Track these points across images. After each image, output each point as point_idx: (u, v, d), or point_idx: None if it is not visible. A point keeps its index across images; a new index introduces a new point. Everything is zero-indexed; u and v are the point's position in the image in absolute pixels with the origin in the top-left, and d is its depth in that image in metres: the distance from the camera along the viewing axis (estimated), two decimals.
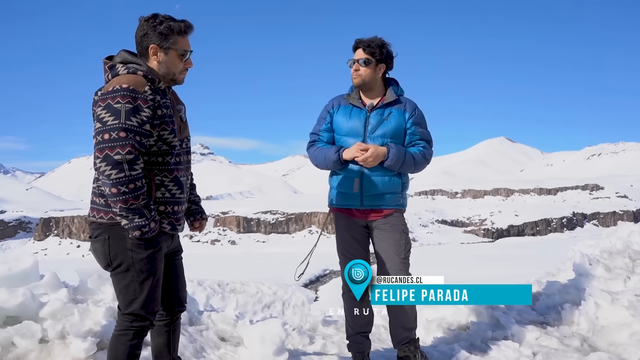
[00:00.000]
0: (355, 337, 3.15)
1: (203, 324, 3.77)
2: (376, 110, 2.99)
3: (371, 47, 2.93)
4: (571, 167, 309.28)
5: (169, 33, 2.23)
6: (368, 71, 2.95)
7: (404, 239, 3.04)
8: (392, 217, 3.04)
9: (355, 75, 2.97)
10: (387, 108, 2.99)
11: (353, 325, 3.14)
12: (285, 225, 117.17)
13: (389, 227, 3.02)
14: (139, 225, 2.09)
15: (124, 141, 2.04)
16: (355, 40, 3.00)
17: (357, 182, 2.96)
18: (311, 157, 3.10)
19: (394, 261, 2.97)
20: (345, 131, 3.01)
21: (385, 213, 3.02)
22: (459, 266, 32.52)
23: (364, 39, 2.97)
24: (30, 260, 3.48)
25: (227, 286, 20.79)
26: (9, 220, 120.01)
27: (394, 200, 3.03)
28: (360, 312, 3.07)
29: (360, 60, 2.94)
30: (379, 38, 2.97)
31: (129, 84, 2.10)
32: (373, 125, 2.95)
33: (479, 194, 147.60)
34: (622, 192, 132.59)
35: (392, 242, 3.00)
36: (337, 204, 3.09)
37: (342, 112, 3.04)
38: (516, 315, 3.94)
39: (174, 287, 2.45)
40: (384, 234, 3.02)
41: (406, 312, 3.05)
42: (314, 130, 3.14)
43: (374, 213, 3.02)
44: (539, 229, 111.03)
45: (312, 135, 3.14)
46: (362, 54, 2.95)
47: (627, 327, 3.50)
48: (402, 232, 3.03)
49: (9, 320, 3.06)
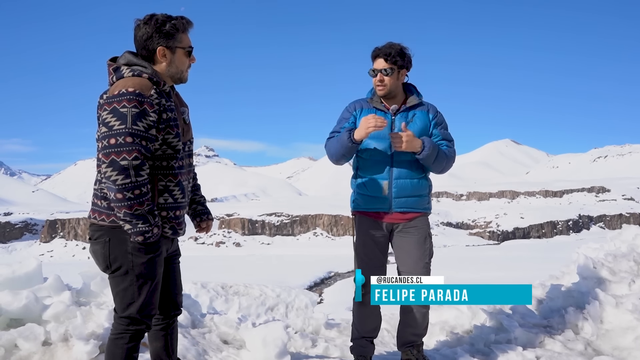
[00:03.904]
0: (360, 341, 3.15)
1: (206, 326, 3.77)
2: (400, 114, 2.98)
3: (392, 56, 2.89)
4: (577, 169, 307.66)
5: (174, 32, 2.21)
6: (392, 80, 2.93)
7: (429, 243, 3.04)
8: (419, 220, 3.03)
9: (381, 86, 2.93)
10: (410, 111, 3.00)
11: (360, 329, 3.13)
12: (290, 227, 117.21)
13: (415, 230, 3.01)
14: (142, 231, 2.08)
15: (130, 146, 2.02)
16: (374, 49, 2.95)
17: (387, 185, 2.95)
18: (327, 149, 3.06)
19: (417, 265, 2.97)
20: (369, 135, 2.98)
21: (413, 216, 3.01)
22: (463, 268, 32.40)
23: (383, 47, 2.93)
24: (33, 262, 3.49)
25: (230, 289, 20.78)
26: (15, 222, 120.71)
27: (422, 204, 3.03)
28: (369, 316, 3.08)
29: (383, 70, 2.90)
30: (397, 44, 2.93)
31: (135, 87, 2.07)
32: (399, 128, 2.93)
33: (484, 196, 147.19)
34: (629, 194, 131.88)
35: (417, 246, 3.00)
36: (363, 208, 3.05)
37: (365, 115, 2.99)
38: (520, 318, 3.92)
39: (171, 291, 2.44)
40: (409, 237, 3.01)
41: (417, 317, 3.05)
42: (333, 130, 3.10)
43: (401, 216, 3.00)
44: (545, 232, 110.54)
45: (331, 133, 3.11)
46: (384, 63, 2.90)
47: (631, 331, 3.47)
48: (427, 236, 3.04)
49: (12, 322, 3.08)
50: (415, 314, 3.05)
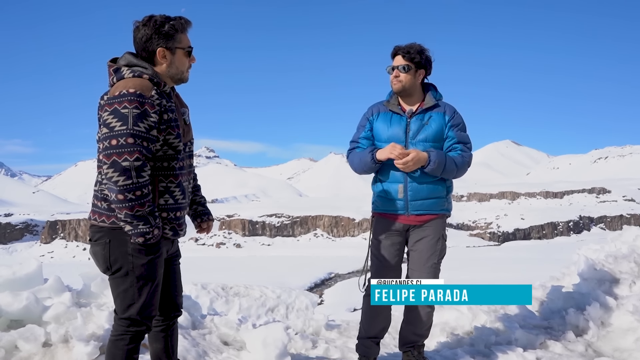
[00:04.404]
0: (365, 341, 3.15)
1: (206, 327, 3.76)
2: (416, 116, 2.99)
3: (410, 53, 2.92)
4: (578, 170, 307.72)
5: (174, 33, 2.21)
6: (408, 77, 2.95)
7: (441, 244, 3.05)
8: (435, 221, 3.04)
9: (396, 81, 2.97)
10: (426, 113, 3.00)
11: (367, 329, 3.13)
12: (291, 228, 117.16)
13: (430, 230, 3.03)
14: (142, 232, 2.08)
15: (131, 147, 2.02)
16: (394, 47, 2.99)
17: (402, 188, 2.97)
18: (350, 163, 3.13)
19: (426, 265, 3.00)
20: (385, 138, 3.00)
21: (429, 218, 3.02)
22: (464, 269, 32.37)
23: (403, 45, 2.97)
24: (34, 264, 3.49)
25: (231, 290, 20.79)
26: (16, 223, 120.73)
27: (439, 205, 3.03)
28: (379, 316, 3.08)
29: (400, 66, 2.94)
30: (417, 44, 2.97)
31: (136, 88, 2.07)
32: (414, 131, 2.96)
33: (484, 197, 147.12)
34: (629, 195, 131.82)
35: (429, 246, 3.01)
36: (381, 209, 3.08)
37: (382, 119, 3.04)
38: (520, 320, 3.92)
39: (171, 292, 2.44)
40: (423, 238, 3.03)
41: (420, 316, 3.06)
42: (353, 138, 3.16)
43: (417, 218, 3.01)
44: (545, 233, 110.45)
45: (351, 143, 3.16)
46: (402, 60, 2.94)
47: (632, 333, 3.47)
48: (441, 237, 3.05)
49: (12, 323, 3.08)
50: (419, 313, 3.05)
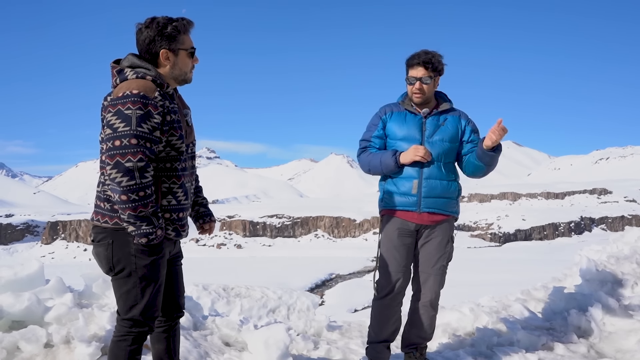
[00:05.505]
0: (377, 346, 3.13)
1: (207, 328, 3.76)
2: (432, 117, 3.00)
3: (432, 64, 2.91)
4: (579, 171, 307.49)
5: (176, 34, 2.21)
6: (430, 88, 2.96)
7: (449, 246, 3.06)
8: (445, 223, 3.04)
9: (419, 94, 2.95)
10: (442, 115, 3.02)
11: (378, 332, 3.11)
12: (291, 229, 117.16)
13: (440, 232, 3.03)
14: (145, 232, 2.08)
15: (135, 148, 2.02)
16: (411, 56, 2.97)
17: (417, 184, 2.96)
18: (363, 162, 3.09)
19: (435, 266, 3.01)
20: (400, 136, 3.00)
21: (440, 219, 3.02)
22: (465, 270, 32.34)
23: (422, 55, 2.93)
24: (35, 264, 3.49)
25: (232, 290, 20.79)
26: (17, 224, 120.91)
27: (450, 206, 3.03)
28: (391, 318, 3.07)
29: (423, 78, 2.92)
30: (433, 52, 2.95)
31: (139, 89, 2.07)
32: (430, 131, 2.97)
33: (485, 198, 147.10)
34: (631, 196, 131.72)
35: (438, 248, 3.02)
36: (391, 206, 3.05)
37: (395, 118, 3.03)
38: (522, 321, 3.91)
39: (174, 293, 2.44)
40: (432, 239, 3.03)
41: (424, 320, 3.06)
42: (364, 137, 3.13)
43: (429, 217, 3.00)
44: (547, 234, 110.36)
45: (362, 142, 3.14)
46: (425, 71, 2.92)
47: (634, 334, 3.46)
48: (449, 240, 3.06)
49: (14, 324, 3.08)
50: (423, 316, 3.06)
